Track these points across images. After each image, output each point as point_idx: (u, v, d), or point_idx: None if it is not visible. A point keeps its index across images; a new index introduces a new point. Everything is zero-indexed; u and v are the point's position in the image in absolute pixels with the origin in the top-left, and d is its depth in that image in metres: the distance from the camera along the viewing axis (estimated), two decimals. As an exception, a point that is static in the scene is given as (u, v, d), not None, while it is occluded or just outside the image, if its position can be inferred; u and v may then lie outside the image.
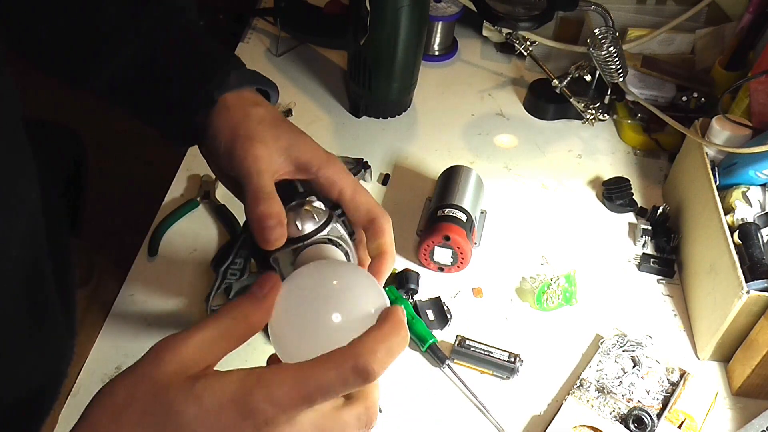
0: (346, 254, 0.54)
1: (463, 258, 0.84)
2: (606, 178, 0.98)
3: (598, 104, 1.03)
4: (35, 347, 0.58)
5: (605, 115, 1.03)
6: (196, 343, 0.42)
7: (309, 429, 0.41)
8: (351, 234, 0.56)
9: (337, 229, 0.54)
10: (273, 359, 0.49)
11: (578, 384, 0.76)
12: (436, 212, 0.86)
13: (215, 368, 0.43)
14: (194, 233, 0.89)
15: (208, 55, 0.61)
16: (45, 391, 0.64)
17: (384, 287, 0.79)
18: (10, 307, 0.51)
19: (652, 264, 0.88)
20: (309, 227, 0.53)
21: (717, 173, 0.85)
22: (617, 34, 0.92)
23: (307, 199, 0.55)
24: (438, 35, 1.15)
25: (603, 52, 0.93)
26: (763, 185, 0.83)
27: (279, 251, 0.53)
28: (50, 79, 0.65)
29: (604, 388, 0.75)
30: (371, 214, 0.57)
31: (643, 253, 0.89)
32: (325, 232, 0.53)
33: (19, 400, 0.58)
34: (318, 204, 0.55)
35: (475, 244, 0.88)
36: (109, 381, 0.42)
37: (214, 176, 0.80)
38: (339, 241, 0.54)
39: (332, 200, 0.57)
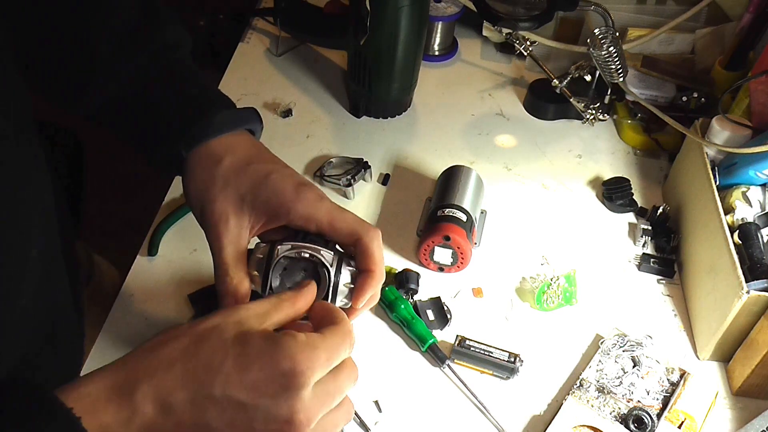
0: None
1: (463, 258, 0.84)
2: (606, 178, 0.98)
3: (598, 104, 1.03)
4: (51, 348, 0.59)
5: (605, 115, 1.03)
6: (253, 308, 0.49)
7: (321, 394, 0.47)
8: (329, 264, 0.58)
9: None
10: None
11: (578, 384, 0.76)
12: (436, 212, 0.86)
13: None
14: (194, 233, 0.88)
15: (189, 102, 0.61)
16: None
17: (384, 287, 0.80)
18: (30, 309, 0.51)
19: (652, 264, 0.88)
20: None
21: (717, 173, 0.85)
22: (617, 34, 0.92)
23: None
24: (438, 35, 1.15)
25: (603, 52, 0.93)
26: (763, 185, 0.83)
27: None
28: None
29: (604, 388, 0.75)
30: (354, 235, 0.56)
31: (643, 253, 0.89)
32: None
33: None
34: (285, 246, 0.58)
35: (475, 244, 0.88)
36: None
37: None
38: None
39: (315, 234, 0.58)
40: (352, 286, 0.57)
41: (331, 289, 0.56)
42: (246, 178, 0.57)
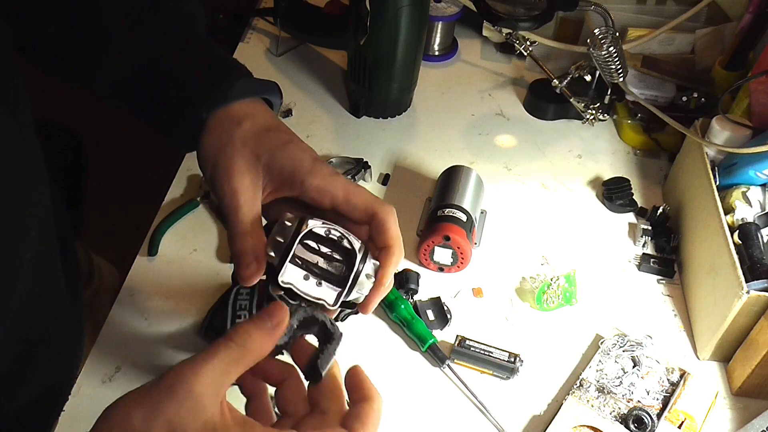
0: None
1: (463, 258, 0.84)
2: (606, 178, 0.98)
3: (598, 104, 1.03)
4: (48, 348, 0.59)
5: (605, 115, 1.04)
6: (209, 376, 0.42)
7: None
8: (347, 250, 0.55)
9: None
10: None
11: (578, 384, 0.76)
12: (436, 212, 0.86)
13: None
14: (194, 233, 0.89)
15: (208, 67, 0.60)
16: (57, 392, 0.64)
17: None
18: (23, 310, 0.51)
19: (652, 264, 0.88)
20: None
21: (717, 173, 0.85)
22: (617, 34, 0.92)
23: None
24: (438, 35, 1.15)
25: (603, 52, 0.93)
26: (763, 185, 0.83)
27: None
28: (48, 79, 0.65)
29: (604, 388, 0.75)
30: (370, 211, 0.55)
31: (643, 253, 0.89)
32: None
33: (34, 401, 0.58)
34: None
35: (475, 244, 0.88)
36: (121, 400, 0.41)
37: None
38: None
39: (326, 209, 0.56)
40: (374, 279, 0.55)
41: (352, 277, 0.53)
42: (265, 142, 0.56)
